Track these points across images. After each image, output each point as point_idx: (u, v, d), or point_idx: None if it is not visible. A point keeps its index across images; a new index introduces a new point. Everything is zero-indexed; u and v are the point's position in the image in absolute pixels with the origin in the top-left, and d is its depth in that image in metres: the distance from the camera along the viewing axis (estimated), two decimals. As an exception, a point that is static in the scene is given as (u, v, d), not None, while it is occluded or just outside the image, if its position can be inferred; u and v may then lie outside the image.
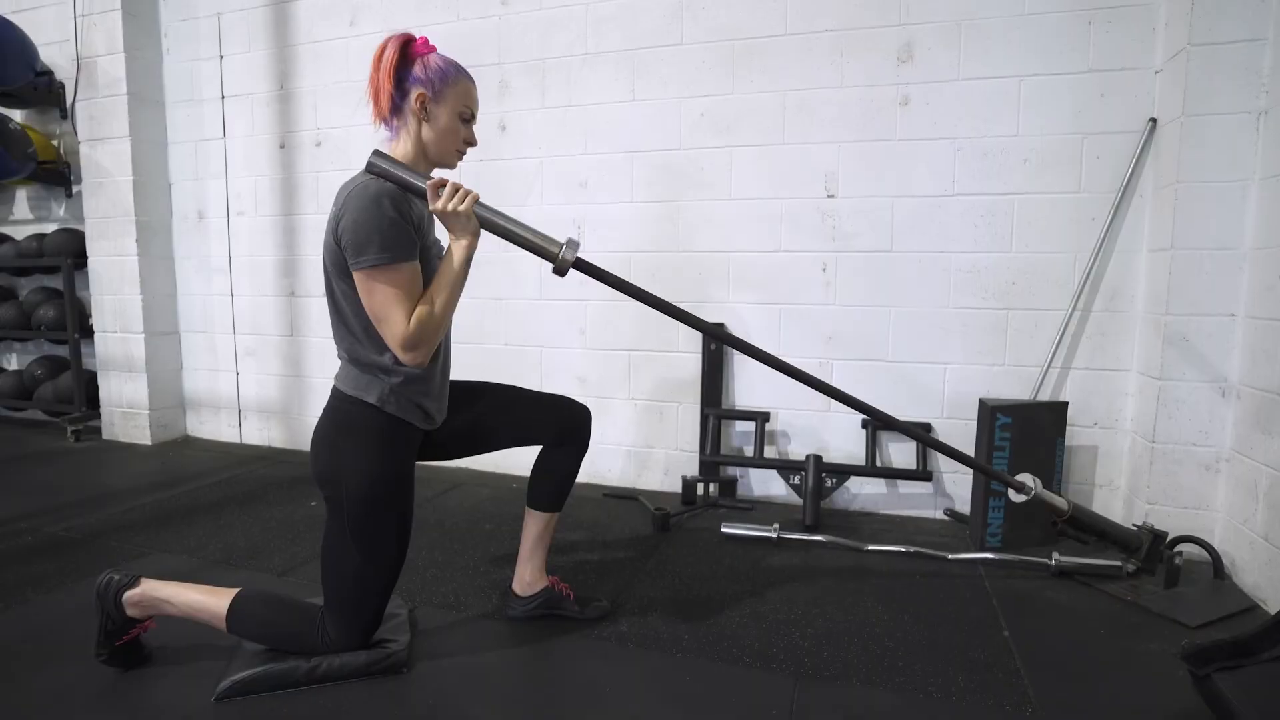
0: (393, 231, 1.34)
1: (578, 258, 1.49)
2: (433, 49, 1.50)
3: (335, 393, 1.50)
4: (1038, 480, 1.76)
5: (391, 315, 1.35)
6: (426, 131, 1.47)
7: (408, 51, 1.47)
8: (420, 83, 1.45)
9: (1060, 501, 1.77)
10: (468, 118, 1.52)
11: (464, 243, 1.40)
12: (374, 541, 1.46)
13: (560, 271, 1.49)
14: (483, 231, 1.44)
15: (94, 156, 3.55)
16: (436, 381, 1.54)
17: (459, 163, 1.56)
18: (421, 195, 1.39)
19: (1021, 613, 1.85)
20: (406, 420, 1.49)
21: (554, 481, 1.72)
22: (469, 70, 1.55)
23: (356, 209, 1.34)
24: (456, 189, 1.38)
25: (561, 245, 1.47)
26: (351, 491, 1.43)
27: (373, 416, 1.45)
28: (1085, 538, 1.82)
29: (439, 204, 1.37)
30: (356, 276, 1.35)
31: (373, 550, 1.47)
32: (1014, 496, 1.77)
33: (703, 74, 2.74)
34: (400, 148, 1.48)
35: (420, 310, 1.36)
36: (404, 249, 1.36)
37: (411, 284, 1.37)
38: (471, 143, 1.55)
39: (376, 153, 1.41)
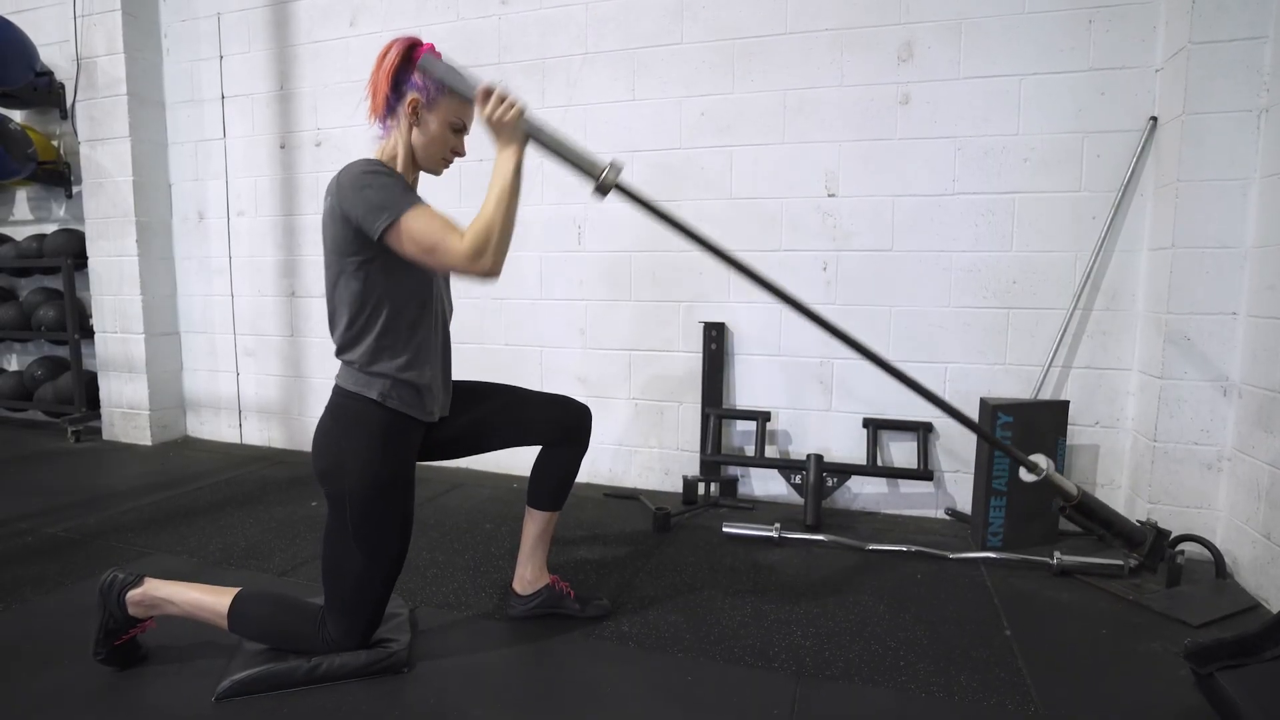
0: (399, 186, 1.37)
1: (618, 182, 1.46)
2: (437, 56, 1.50)
3: (337, 390, 1.50)
4: (1050, 462, 1.75)
5: (442, 239, 1.33)
6: (416, 135, 1.47)
7: (410, 56, 1.47)
8: (416, 88, 1.45)
9: (1070, 486, 1.76)
10: (459, 128, 1.51)
11: (511, 150, 1.39)
12: (375, 539, 1.46)
13: (602, 191, 1.46)
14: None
15: (94, 157, 3.55)
16: (436, 372, 1.55)
17: (445, 170, 1.56)
18: (469, 100, 1.41)
19: (1023, 612, 1.84)
20: (409, 415, 1.49)
21: (554, 481, 1.72)
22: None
23: (356, 184, 1.35)
24: (504, 97, 1.38)
25: (605, 167, 1.44)
26: (354, 488, 1.43)
27: (375, 412, 1.46)
28: (1091, 526, 1.81)
29: (487, 111, 1.38)
30: (389, 235, 1.34)
31: (374, 548, 1.47)
32: (1024, 476, 1.76)
33: (703, 73, 2.74)
34: (389, 149, 1.49)
35: (474, 221, 1.34)
36: (416, 196, 1.39)
37: (441, 215, 1.37)
38: (460, 153, 1.55)
39: (427, 56, 1.43)
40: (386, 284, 1.43)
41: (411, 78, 1.45)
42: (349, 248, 1.40)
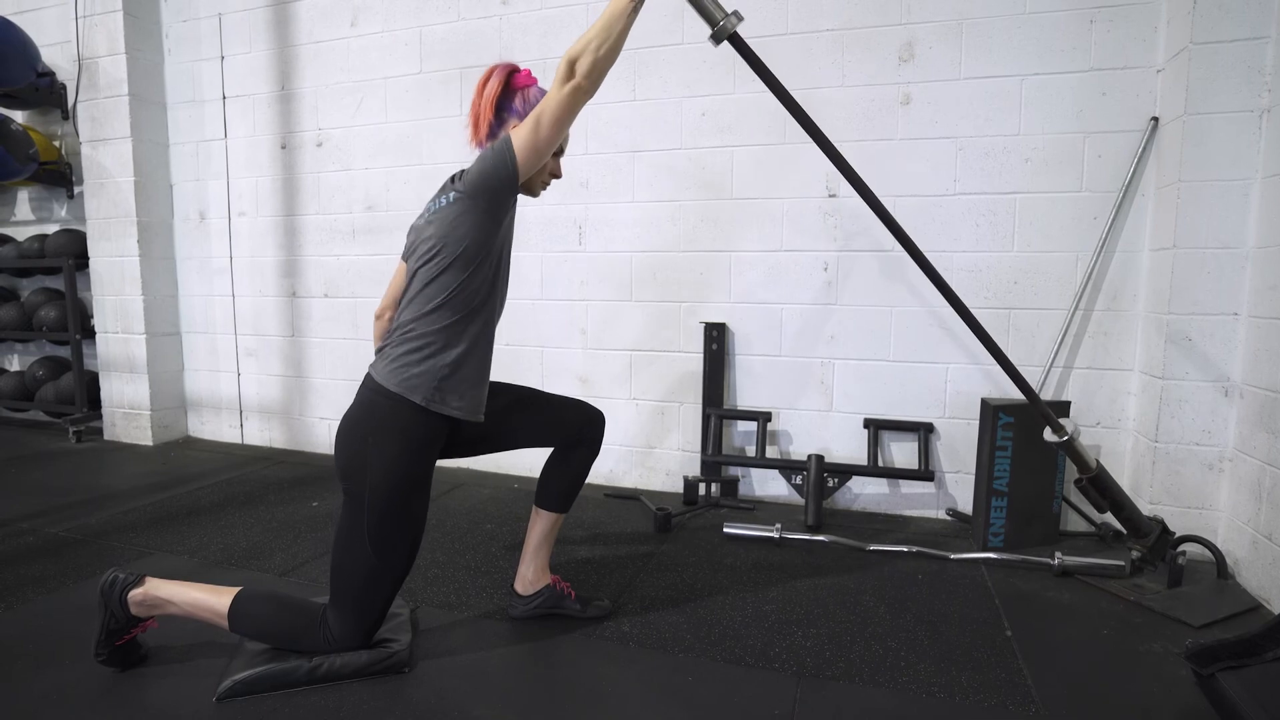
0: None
1: (736, 32, 1.45)
2: (534, 81, 1.56)
3: (375, 387, 1.48)
4: (1078, 428, 1.75)
5: (542, 103, 1.37)
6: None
7: (511, 83, 1.53)
8: (518, 114, 1.52)
9: (1090, 458, 1.76)
10: (557, 151, 1.56)
11: None
12: (390, 541, 1.46)
13: (716, 38, 1.46)
14: None
15: (95, 157, 3.55)
16: (489, 367, 1.57)
17: (543, 193, 1.61)
18: None
19: (1024, 612, 1.84)
20: (451, 416, 1.49)
21: (564, 483, 1.73)
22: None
23: (478, 161, 1.44)
24: None
25: (728, 14, 1.44)
26: (375, 488, 1.43)
27: (414, 417, 1.45)
28: (1101, 502, 1.81)
29: None
30: (522, 160, 1.40)
31: (387, 549, 1.46)
32: (1048, 436, 1.76)
33: (703, 74, 2.74)
34: None
35: (576, 41, 1.35)
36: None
37: None
38: (557, 175, 1.61)
39: None
40: (486, 282, 1.47)
41: (514, 105, 1.52)
42: (476, 238, 1.43)
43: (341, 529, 1.48)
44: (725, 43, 1.47)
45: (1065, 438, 1.73)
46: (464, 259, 1.44)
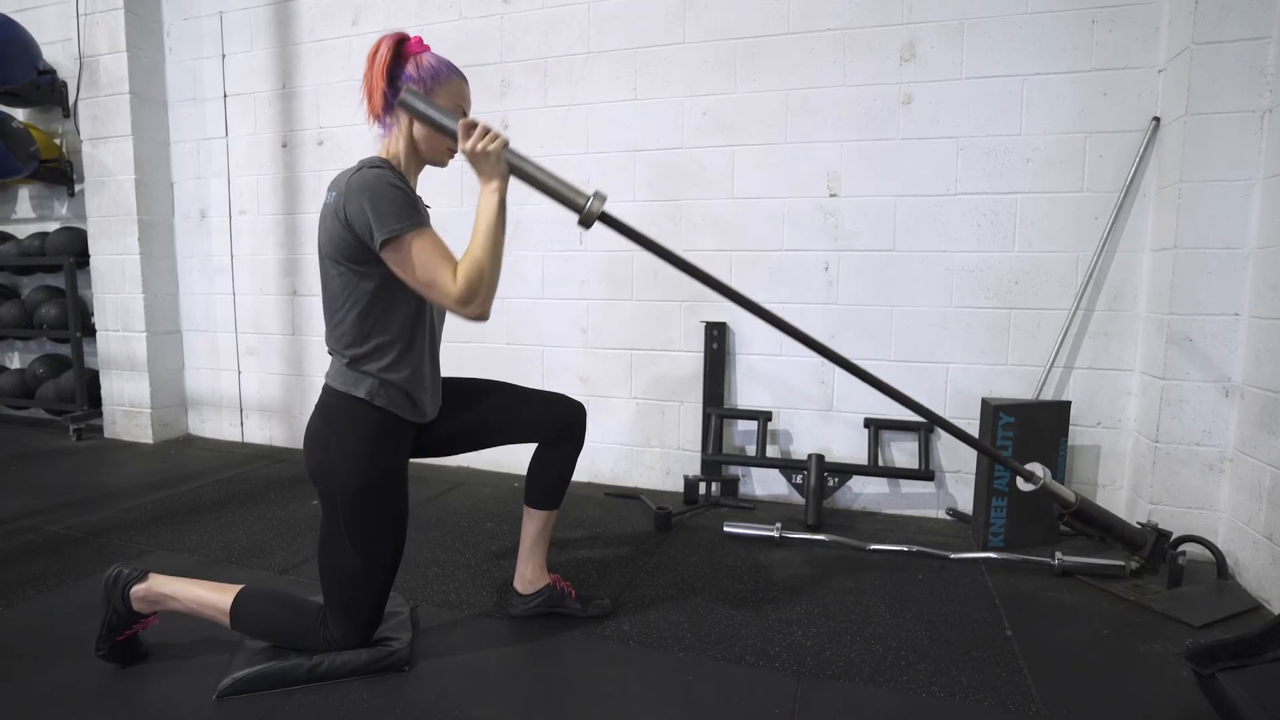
0: (408, 202, 1.36)
1: (604, 211, 1.47)
2: (426, 48, 1.50)
3: (326, 390, 1.50)
4: (1047, 470, 1.75)
5: (437, 275, 1.34)
6: (417, 129, 1.47)
7: (401, 50, 1.48)
8: (412, 80, 1.45)
9: (1068, 494, 1.76)
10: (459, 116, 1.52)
11: (494, 185, 1.40)
12: (369, 539, 1.46)
13: (586, 223, 1.48)
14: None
15: (96, 155, 3.55)
16: (426, 373, 1.54)
17: (450, 160, 1.55)
18: (452, 135, 1.40)
19: (1024, 612, 1.84)
20: (397, 414, 1.48)
21: (551, 479, 1.72)
22: (466, 70, 1.54)
23: (363, 191, 1.34)
24: (487, 130, 1.39)
25: (589, 197, 1.46)
26: (345, 488, 1.43)
27: (364, 412, 1.45)
28: (1090, 531, 1.82)
29: (468, 144, 1.38)
30: (386, 252, 1.34)
31: (368, 548, 1.46)
32: (1022, 485, 1.77)
33: (705, 73, 2.74)
34: (392, 146, 1.49)
35: (463, 263, 1.36)
36: (423, 216, 1.39)
37: (442, 245, 1.37)
38: (454, 151, 1.55)
39: (409, 90, 1.41)
40: (381, 284, 1.42)
41: (406, 71, 1.45)
42: (346, 248, 1.39)
43: (323, 532, 1.47)
44: (597, 223, 1.48)
45: (1039, 485, 1.74)
46: (347, 266, 1.40)
